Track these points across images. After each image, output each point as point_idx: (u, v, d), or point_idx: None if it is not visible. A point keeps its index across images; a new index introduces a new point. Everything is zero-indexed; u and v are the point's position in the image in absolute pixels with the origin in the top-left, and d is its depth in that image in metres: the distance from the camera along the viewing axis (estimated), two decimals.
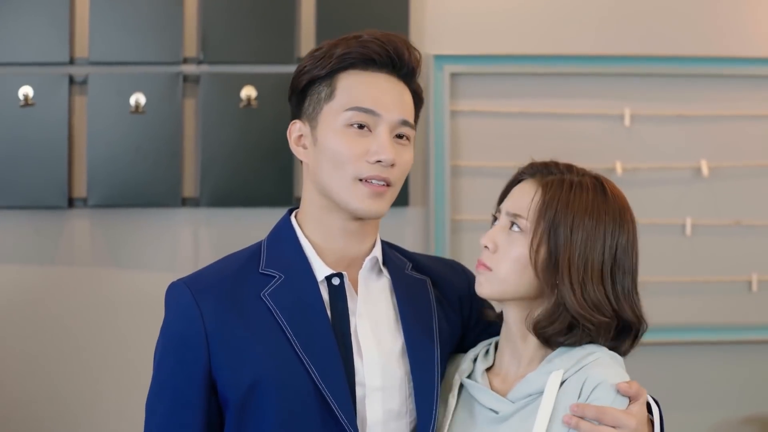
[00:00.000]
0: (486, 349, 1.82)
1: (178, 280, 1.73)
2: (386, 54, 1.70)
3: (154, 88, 3.35)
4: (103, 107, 3.34)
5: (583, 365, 1.66)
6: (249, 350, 1.64)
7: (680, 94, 3.55)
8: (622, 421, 1.61)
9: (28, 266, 3.38)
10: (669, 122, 3.55)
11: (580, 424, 1.60)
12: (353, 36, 1.72)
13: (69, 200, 3.35)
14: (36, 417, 3.37)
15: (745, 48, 3.55)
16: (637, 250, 1.73)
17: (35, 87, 3.33)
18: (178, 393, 1.67)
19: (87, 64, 3.37)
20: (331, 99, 1.69)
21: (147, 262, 3.41)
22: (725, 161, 3.56)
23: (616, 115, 3.54)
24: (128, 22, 3.36)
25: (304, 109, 1.73)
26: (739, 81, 3.56)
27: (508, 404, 1.69)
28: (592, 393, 1.62)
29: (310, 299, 1.68)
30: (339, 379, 1.63)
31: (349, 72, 1.70)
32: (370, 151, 1.66)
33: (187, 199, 3.40)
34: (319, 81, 1.71)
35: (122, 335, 3.39)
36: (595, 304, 1.66)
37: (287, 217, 1.79)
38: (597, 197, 1.70)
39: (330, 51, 1.71)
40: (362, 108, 1.67)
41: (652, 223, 3.53)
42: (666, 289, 3.54)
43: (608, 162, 3.52)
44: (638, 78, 3.53)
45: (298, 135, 1.74)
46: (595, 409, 1.60)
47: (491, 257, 1.72)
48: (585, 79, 3.52)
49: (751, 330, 3.57)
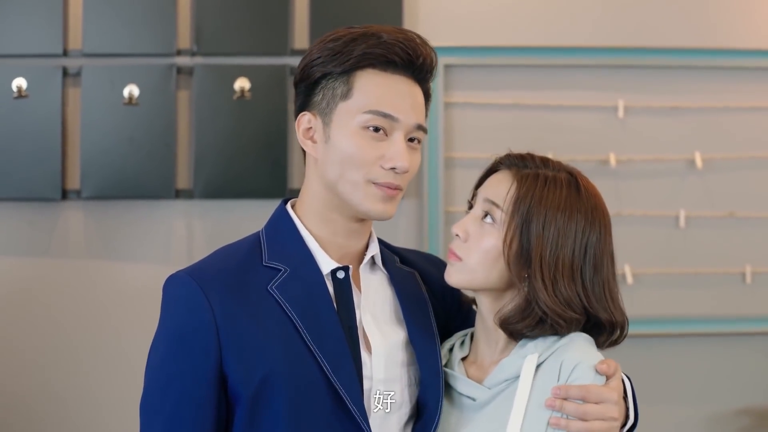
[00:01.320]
0: (462, 339, 1.83)
1: (179, 271, 1.67)
2: (407, 57, 1.66)
3: (148, 80, 3.35)
4: (96, 99, 3.34)
5: (558, 347, 1.67)
6: (260, 344, 1.61)
7: (674, 86, 3.55)
8: (605, 396, 1.62)
9: (22, 258, 3.38)
10: (663, 114, 3.55)
11: (564, 406, 1.61)
12: (372, 32, 1.66)
13: (63, 192, 3.35)
14: (28, 408, 3.37)
15: (738, 40, 3.55)
16: (610, 249, 1.73)
17: (29, 79, 3.33)
18: (186, 388, 1.61)
19: (80, 55, 3.37)
20: (347, 98, 1.65)
21: (141, 253, 3.41)
22: (719, 153, 3.56)
23: (609, 106, 3.54)
24: (122, 14, 3.36)
25: (314, 101, 1.69)
26: (733, 73, 3.56)
27: (484, 391, 1.70)
28: (572, 374, 1.63)
29: (318, 293, 1.66)
30: (350, 373, 1.62)
31: (367, 71, 1.65)
32: (385, 156, 1.64)
33: (181, 190, 3.40)
34: (334, 77, 1.66)
35: (116, 326, 3.40)
36: (567, 301, 1.67)
37: (283, 207, 1.75)
38: (570, 194, 1.70)
39: (349, 48, 1.65)
40: (381, 112, 1.64)
41: (645, 214, 3.53)
42: (660, 281, 3.54)
43: (602, 153, 3.52)
44: (632, 70, 3.53)
45: (307, 127, 1.69)
46: (578, 388, 1.61)
47: (462, 246, 1.73)
48: (579, 70, 3.52)
49: (745, 322, 3.57)
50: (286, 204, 1.76)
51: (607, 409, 1.62)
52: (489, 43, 3.48)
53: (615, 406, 1.63)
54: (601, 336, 1.73)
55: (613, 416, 1.62)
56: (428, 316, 1.78)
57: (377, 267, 1.78)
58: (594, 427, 1.61)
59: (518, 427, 1.62)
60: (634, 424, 1.70)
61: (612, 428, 1.63)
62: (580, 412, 1.61)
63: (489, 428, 1.66)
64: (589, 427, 1.61)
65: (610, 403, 1.62)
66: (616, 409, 1.63)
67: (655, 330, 3.54)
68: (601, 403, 1.62)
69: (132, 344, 3.29)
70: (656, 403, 3.56)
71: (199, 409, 1.61)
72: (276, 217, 1.75)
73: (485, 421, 1.67)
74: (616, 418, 1.63)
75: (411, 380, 1.73)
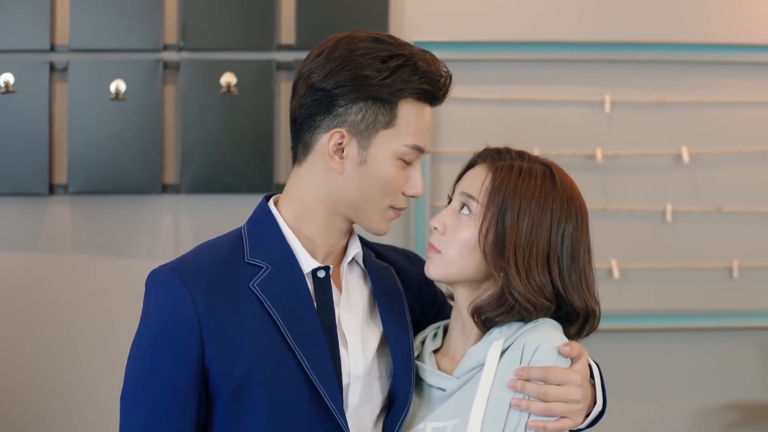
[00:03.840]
0: (435, 331, 1.85)
1: (162, 266, 1.69)
2: (443, 95, 1.71)
3: (135, 75, 3.36)
4: (83, 94, 3.35)
5: (522, 332, 1.69)
6: (241, 340, 1.63)
7: (660, 81, 3.55)
8: (567, 378, 1.63)
9: (9, 253, 3.40)
10: (649, 109, 3.55)
11: (526, 387, 1.62)
12: (414, 62, 1.66)
13: (50, 187, 3.36)
14: (19, 402, 3.38)
15: (726, 34, 3.55)
16: (587, 239, 1.75)
17: (16, 74, 3.34)
18: (168, 383, 1.63)
19: (67, 51, 3.38)
20: (389, 126, 1.67)
21: (128, 248, 3.42)
22: (706, 148, 3.56)
23: (596, 101, 3.54)
24: (109, 10, 3.37)
25: (351, 120, 1.67)
26: (720, 67, 3.56)
27: (453, 380, 1.72)
28: (533, 356, 1.65)
29: (299, 291, 1.68)
30: (328, 370, 1.65)
31: (408, 101, 1.68)
32: (408, 183, 1.70)
33: (168, 185, 3.41)
34: (379, 103, 1.66)
35: (104, 321, 3.41)
36: (539, 287, 1.69)
37: (265, 204, 1.76)
38: (545, 184, 1.72)
39: (398, 75, 1.65)
40: (418, 147, 1.69)
41: (632, 209, 3.53)
42: (646, 276, 3.55)
43: (589, 148, 3.52)
44: (618, 64, 3.53)
45: (338, 143, 1.68)
46: (539, 369, 1.63)
47: (440, 239, 1.75)
48: (565, 65, 3.52)
49: (732, 317, 3.57)
50: (269, 200, 1.77)
51: (568, 391, 1.63)
52: (475, 38, 3.48)
53: (578, 388, 1.64)
54: (572, 326, 1.74)
55: (574, 398, 1.63)
56: (403, 310, 1.81)
57: (356, 264, 1.80)
58: (555, 408, 1.63)
59: (482, 410, 1.64)
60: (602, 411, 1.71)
61: (574, 410, 1.64)
62: (541, 393, 1.62)
63: (455, 414, 1.68)
64: (549, 408, 1.63)
65: (573, 386, 1.63)
66: (578, 391, 1.64)
67: (641, 325, 3.54)
68: (563, 385, 1.63)
69: (120, 338, 3.28)
70: (643, 398, 3.57)
71: (180, 403, 1.63)
72: (258, 213, 1.77)
73: (451, 408, 1.69)
74: (578, 400, 1.64)
75: (383, 373, 1.76)
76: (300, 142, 1.72)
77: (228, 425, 1.64)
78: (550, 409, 1.63)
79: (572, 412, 1.64)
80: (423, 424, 1.71)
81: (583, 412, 1.67)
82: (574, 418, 1.65)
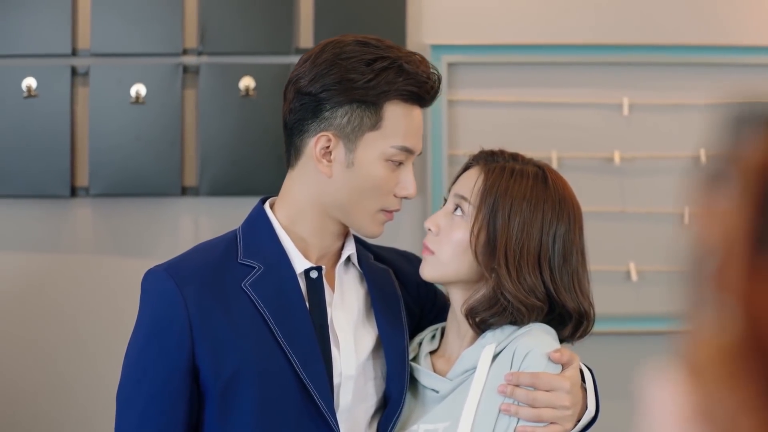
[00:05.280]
0: (432, 333, 1.87)
1: (156, 266, 1.74)
2: (431, 96, 1.73)
3: (155, 79, 3.40)
4: (104, 98, 3.39)
5: (515, 336, 1.70)
6: (231, 339, 1.67)
7: (679, 83, 3.53)
8: (556, 384, 1.65)
9: (32, 254, 3.45)
10: (668, 111, 3.54)
11: (515, 392, 1.63)
12: (399, 64, 1.67)
13: (71, 189, 3.41)
14: (39, 404, 3.43)
15: (745, 36, 3.53)
16: (580, 241, 1.76)
17: (38, 78, 3.39)
18: (159, 380, 1.68)
19: (89, 55, 3.43)
20: (375, 128, 1.69)
21: (148, 250, 3.46)
22: None
23: (614, 104, 3.53)
24: (129, 14, 3.41)
25: (337, 123, 1.69)
26: (739, 70, 3.54)
27: (446, 382, 1.74)
28: (524, 362, 1.66)
29: (290, 291, 1.71)
30: (319, 369, 1.68)
31: (394, 102, 1.69)
32: (399, 185, 1.71)
33: (187, 188, 3.44)
34: (364, 106, 1.68)
35: (124, 322, 3.44)
36: (531, 288, 1.70)
37: (261, 207, 1.80)
38: (537, 185, 1.74)
39: (382, 78, 1.67)
40: (406, 148, 1.70)
41: (650, 212, 3.53)
42: (665, 279, 3.53)
43: (606, 151, 3.52)
44: (637, 67, 3.52)
45: (325, 146, 1.70)
46: (529, 375, 1.64)
47: (434, 240, 1.77)
48: (583, 68, 3.52)
49: None
50: (265, 203, 1.80)
51: (557, 397, 1.64)
52: (493, 41, 3.49)
53: (567, 394, 1.65)
54: (565, 328, 1.75)
55: (564, 404, 1.64)
56: (399, 312, 1.82)
57: (352, 265, 1.82)
58: (543, 414, 1.64)
59: (472, 415, 1.65)
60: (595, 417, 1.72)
61: (563, 416, 1.65)
62: (530, 399, 1.63)
63: (446, 416, 1.70)
64: (538, 414, 1.64)
65: (562, 392, 1.64)
66: (568, 397, 1.65)
67: (660, 327, 3.53)
68: (552, 391, 1.64)
69: None
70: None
71: (171, 401, 1.68)
72: (253, 215, 1.80)
73: (443, 411, 1.71)
74: (568, 406, 1.65)
75: (377, 373, 1.78)
76: (291, 146, 1.75)
77: (218, 423, 1.68)
78: (539, 415, 1.64)
79: (561, 418, 1.65)
80: (416, 425, 1.73)
81: (573, 419, 1.68)
82: (563, 424, 1.66)
